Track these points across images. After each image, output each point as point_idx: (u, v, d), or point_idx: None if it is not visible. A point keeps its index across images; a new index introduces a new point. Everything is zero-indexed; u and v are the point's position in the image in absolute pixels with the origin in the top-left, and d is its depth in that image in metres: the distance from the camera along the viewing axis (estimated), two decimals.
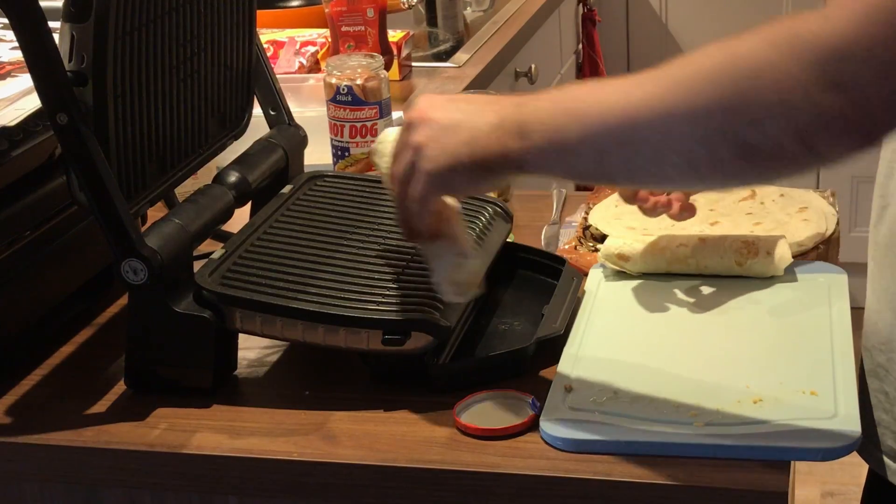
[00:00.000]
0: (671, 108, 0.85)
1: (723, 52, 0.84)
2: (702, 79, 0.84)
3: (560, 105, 0.91)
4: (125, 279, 1.06)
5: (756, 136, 0.82)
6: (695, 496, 0.93)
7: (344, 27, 2.02)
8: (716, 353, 1.09)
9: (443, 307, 1.08)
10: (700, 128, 0.84)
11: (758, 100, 0.81)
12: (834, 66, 0.79)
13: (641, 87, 0.87)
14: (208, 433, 1.05)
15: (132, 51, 1.07)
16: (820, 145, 0.81)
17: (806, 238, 1.29)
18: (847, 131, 0.80)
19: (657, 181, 0.92)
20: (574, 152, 0.90)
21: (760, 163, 0.83)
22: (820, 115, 0.79)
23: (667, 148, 0.86)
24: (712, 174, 0.86)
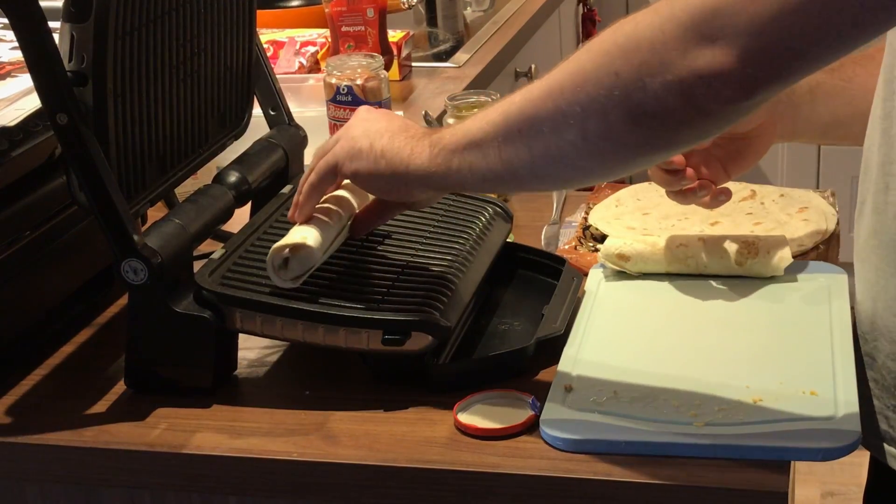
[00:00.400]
0: (564, 84, 0.90)
1: (612, 28, 0.89)
2: (593, 52, 0.89)
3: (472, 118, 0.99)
4: (125, 279, 1.06)
5: (641, 96, 0.86)
6: (695, 496, 0.93)
7: (344, 27, 2.02)
8: (716, 353, 1.09)
9: (443, 307, 1.08)
10: (591, 98, 0.88)
11: (640, 61, 0.86)
12: (707, 22, 0.83)
13: (543, 77, 0.93)
14: (208, 433, 1.05)
15: (132, 51, 1.07)
16: (701, 100, 0.85)
17: (806, 238, 1.29)
18: (725, 84, 0.83)
19: (558, 167, 0.95)
20: (478, 148, 0.96)
21: (650, 124, 0.87)
22: (696, 69, 0.84)
23: (562, 124, 0.90)
24: (607, 147, 0.90)
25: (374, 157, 1.03)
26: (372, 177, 1.05)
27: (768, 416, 0.97)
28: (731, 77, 0.83)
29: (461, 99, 1.46)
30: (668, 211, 1.36)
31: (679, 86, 0.84)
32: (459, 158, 0.98)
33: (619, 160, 0.93)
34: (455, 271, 1.14)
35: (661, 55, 0.85)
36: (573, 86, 0.90)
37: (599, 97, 0.88)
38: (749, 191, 1.39)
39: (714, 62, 0.83)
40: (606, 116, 0.88)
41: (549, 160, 0.94)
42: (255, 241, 1.16)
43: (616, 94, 0.87)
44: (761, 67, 0.83)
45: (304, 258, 1.07)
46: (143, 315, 1.09)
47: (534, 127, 0.93)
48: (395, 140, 1.03)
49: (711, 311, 1.17)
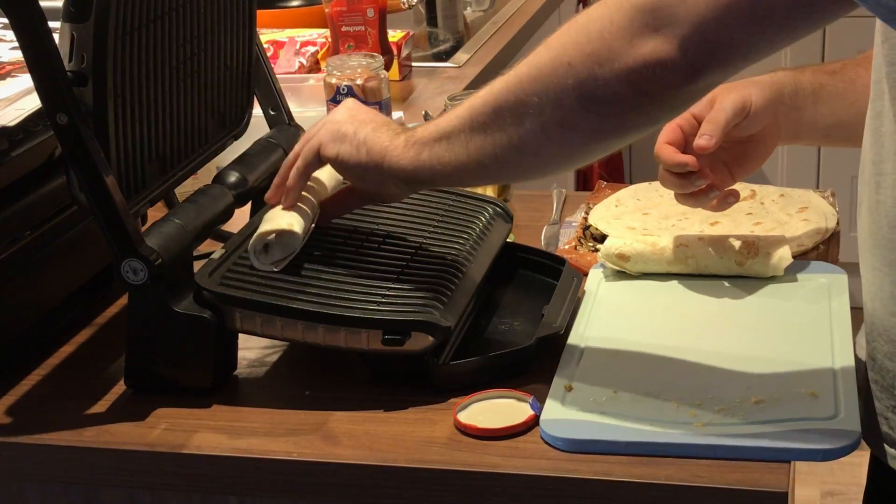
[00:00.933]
0: (522, 77, 0.96)
1: (567, 23, 0.95)
2: (550, 45, 0.95)
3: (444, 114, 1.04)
4: (125, 279, 1.06)
5: (592, 84, 0.91)
6: (695, 496, 0.93)
7: (344, 27, 2.02)
8: (716, 353, 1.09)
9: (443, 307, 1.08)
10: (547, 88, 0.94)
11: (590, 51, 0.91)
12: (651, 13, 0.88)
13: (505, 73, 0.99)
14: (208, 433, 1.05)
15: (132, 51, 1.07)
16: (646, 86, 0.90)
17: (806, 238, 1.29)
18: (668, 71, 0.89)
19: (520, 156, 1.00)
20: (447, 140, 1.01)
21: (602, 111, 0.92)
22: (641, 57, 0.89)
23: (522, 115, 0.96)
24: (564, 133, 0.95)
25: (357, 143, 1.07)
26: (351, 162, 1.08)
27: (768, 417, 0.97)
28: (673, 64, 0.89)
29: (461, 99, 1.46)
30: (668, 211, 1.36)
31: (626, 73, 0.90)
32: (429, 151, 1.03)
33: (576, 147, 0.99)
34: (455, 271, 1.14)
35: (610, 44, 0.90)
36: (530, 78, 0.96)
37: (555, 87, 0.93)
38: (749, 191, 1.39)
39: (657, 50, 0.89)
40: (561, 105, 0.94)
41: (511, 150, 0.99)
42: None
43: (569, 83, 0.93)
44: (701, 55, 0.88)
45: (287, 244, 1.10)
46: (143, 315, 1.09)
47: (497, 118, 0.98)
48: (378, 131, 1.07)
49: (711, 311, 1.17)
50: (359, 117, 1.09)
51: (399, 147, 1.05)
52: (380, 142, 1.06)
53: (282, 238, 1.10)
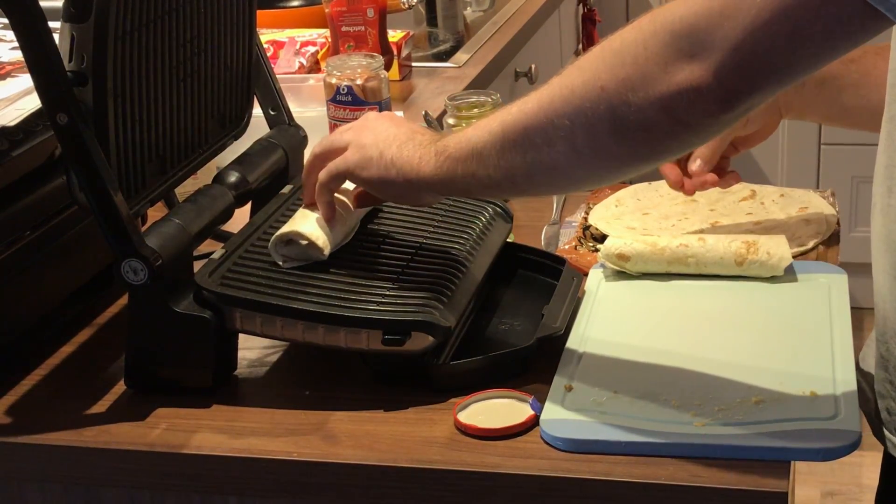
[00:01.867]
0: (554, 98, 0.94)
1: (601, 44, 0.93)
2: (582, 67, 0.93)
3: (473, 126, 1.03)
4: (125, 279, 1.06)
5: (626, 110, 0.90)
6: (695, 496, 0.93)
7: (344, 27, 2.01)
8: (716, 352, 1.09)
9: (443, 307, 1.08)
10: (578, 112, 0.92)
11: (623, 76, 0.89)
12: (685, 39, 0.86)
13: (537, 91, 0.97)
14: (208, 433, 1.05)
15: (132, 51, 1.07)
16: (681, 113, 0.88)
17: (806, 238, 1.29)
18: (703, 99, 0.87)
19: (552, 176, 0.99)
20: (479, 156, 1.00)
21: (635, 137, 0.91)
22: (676, 84, 0.87)
23: (553, 136, 0.94)
24: (595, 158, 0.94)
25: (385, 165, 1.06)
26: (384, 184, 1.08)
27: (768, 416, 0.97)
28: (709, 92, 0.87)
29: (461, 99, 1.46)
30: (668, 211, 1.36)
31: (660, 100, 0.88)
32: (463, 167, 1.02)
33: (608, 170, 0.97)
34: (455, 271, 1.14)
35: (643, 70, 0.88)
36: (562, 100, 0.94)
37: (586, 111, 0.92)
38: (749, 191, 1.39)
39: (692, 77, 0.87)
40: (593, 129, 0.92)
41: (543, 169, 0.98)
42: (255, 241, 1.16)
43: (602, 108, 0.91)
44: (738, 82, 0.86)
45: (309, 256, 1.11)
46: (143, 315, 1.09)
47: (528, 138, 0.96)
48: (404, 149, 1.06)
49: (711, 311, 1.17)
50: (381, 137, 1.07)
51: (430, 163, 1.04)
52: (409, 161, 1.05)
53: (308, 250, 1.11)
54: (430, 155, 1.04)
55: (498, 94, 1.43)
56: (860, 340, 1.14)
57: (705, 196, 1.38)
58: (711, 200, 1.38)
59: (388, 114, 1.14)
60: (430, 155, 1.04)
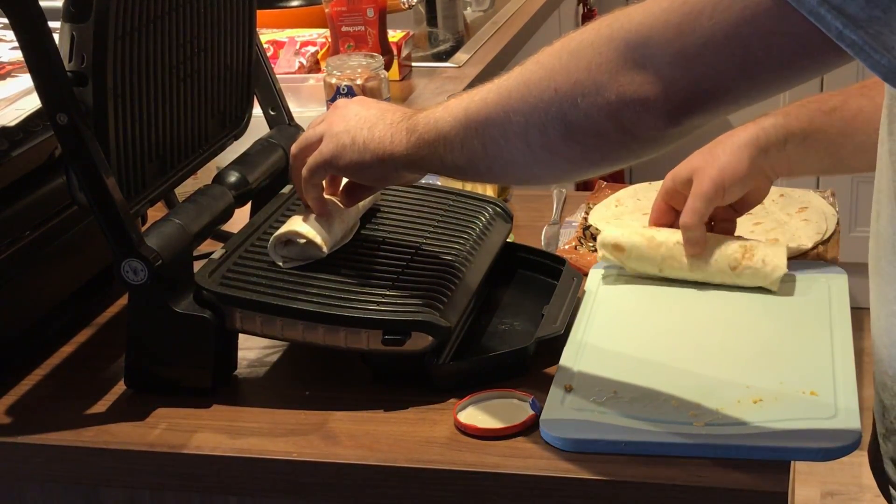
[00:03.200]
0: (512, 93, 0.94)
1: (563, 39, 0.92)
2: (541, 63, 0.93)
3: (442, 105, 1.02)
4: (125, 279, 1.06)
5: (575, 115, 0.89)
6: (695, 496, 0.93)
7: (344, 27, 2.02)
8: (716, 353, 1.09)
9: (443, 307, 1.08)
10: (532, 110, 0.92)
11: (575, 80, 0.89)
12: (638, 50, 0.85)
13: (500, 79, 0.97)
14: (208, 433, 1.05)
15: (132, 51, 1.07)
16: (628, 124, 0.87)
17: (806, 238, 1.29)
18: (650, 112, 0.86)
19: (509, 168, 0.99)
20: (444, 140, 1.00)
21: (584, 141, 0.91)
22: (624, 94, 0.86)
23: (510, 132, 0.94)
24: (547, 158, 0.94)
25: (358, 150, 1.07)
26: (361, 168, 1.08)
27: (768, 416, 0.97)
28: (655, 105, 0.86)
29: None
30: None
31: (607, 108, 0.88)
32: (430, 149, 1.02)
33: (563, 170, 0.98)
34: (455, 271, 1.14)
35: (595, 76, 0.88)
36: (519, 95, 0.94)
37: (539, 111, 0.92)
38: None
39: (640, 89, 0.86)
40: (545, 130, 0.92)
41: (501, 163, 0.98)
42: (255, 241, 1.16)
43: (553, 109, 0.91)
44: (685, 99, 0.86)
45: (308, 255, 1.12)
46: (143, 315, 1.09)
47: (486, 131, 0.97)
48: (375, 130, 1.06)
49: (711, 311, 1.17)
50: (352, 123, 1.08)
51: (402, 142, 1.04)
52: (380, 141, 1.05)
53: (307, 248, 1.11)
54: (402, 133, 1.04)
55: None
56: (860, 340, 1.14)
57: None
58: None
59: (358, 98, 1.14)
60: (402, 133, 1.04)
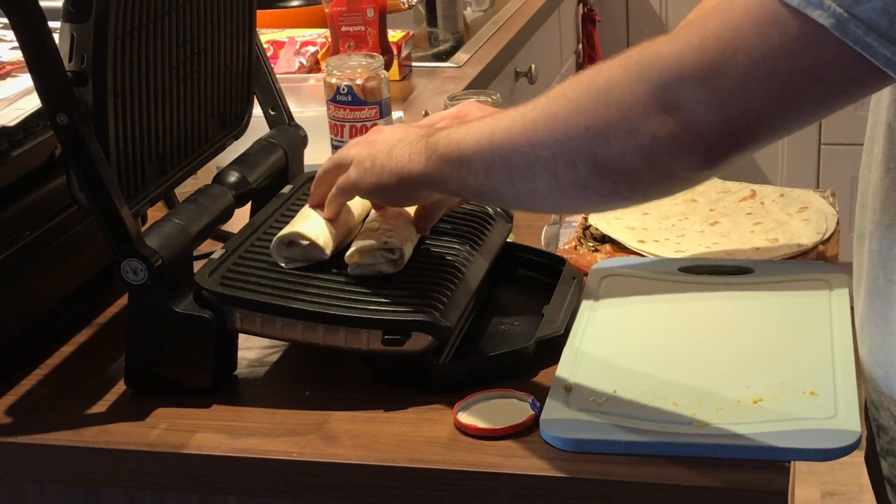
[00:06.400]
0: (538, 127, 0.92)
1: (589, 73, 0.90)
2: (567, 97, 0.90)
3: (465, 126, 1.00)
4: (125, 279, 1.06)
5: (607, 153, 0.87)
6: (695, 496, 0.93)
7: (344, 27, 2.02)
8: (716, 353, 1.09)
9: (443, 307, 1.08)
10: (561, 146, 0.90)
11: (607, 119, 0.86)
12: (670, 90, 0.83)
13: (525, 108, 0.94)
14: (208, 433, 1.05)
15: (132, 51, 1.07)
16: (663, 165, 0.85)
17: (806, 238, 1.29)
18: (686, 153, 0.84)
19: (535, 199, 0.97)
20: (468, 165, 0.98)
21: (616, 180, 0.88)
22: (659, 137, 0.84)
23: (536, 164, 0.92)
24: (576, 192, 0.92)
25: (377, 171, 1.06)
26: (380, 190, 1.07)
27: (768, 416, 0.97)
28: (691, 147, 0.84)
29: (461, 99, 1.46)
30: (668, 211, 1.36)
31: (641, 150, 0.86)
32: (452, 170, 1.00)
33: (592, 203, 0.97)
34: (455, 271, 1.14)
35: (627, 118, 0.86)
36: (546, 129, 0.91)
37: (569, 147, 0.90)
38: (749, 191, 1.39)
39: (675, 132, 0.84)
40: (575, 165, 0.90)
41: (527, 192, 0.96)
42: (255, 241, 1.16)
43: (584, 147, 0.89)
44: (722, 139, 0.83)
45: (311, 256, 1.12)
46: (143, 315, 1.09)
47: (512, 160, 0.95)
48: (394, 151, 1.05)
49: (711, 311, 1.17)
50: (377, 146, 1.07)
51: (421, 160, 1.03)
52: (398, 161, 1.04)
53: (310, 250, 1.11)
54: (420, 152, 1.03)
55: (498, 94, 1.43)
56: None
57: (705, 196, 1.38)
58: (711, 200, 1.38)
59: (397, 125, 1.14)
60: (420, 152, 1.03)
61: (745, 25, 0.80)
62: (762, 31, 0.80)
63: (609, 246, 1.31)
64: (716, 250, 1.28)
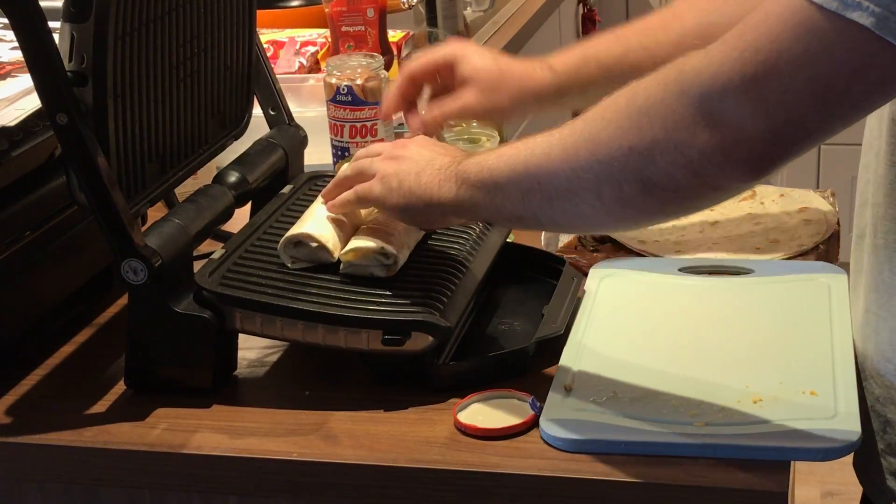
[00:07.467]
0: (579, 150, 0.92)
1: (626, 94, 0.90)
2: (607, 120, 0.91)
3: (495, 153, 1.01)
4: (125, 279, 1.06)
5: (653, 171, 0.88)
6: (695, 496, 0.93)
7: (344, 27, 2.01)
8: (716, 352, 1.09)
9: (443, 307, 1.08)
10: (604, 168, 0.90)
11: (651, 139, 0.87)
12: (714, 105, 0.84)
13: (561, 133, 0.95)
14: (208, 433, 1.05)
15: (132, 51, 1.07)
16: (711, 178, 0.86)
17: (806, 238, 1.29)
18: (733, 165, 0.85)
19: (575, 221, 0.98)
20: (502, 191, 0.99)
21: (663, 196, 0.89)
22: (704, 150, 0.85)
23: (579, 187, 0.93)
24: (622, 210, 0.92)
25: (404, 194, 1.06)
26: (408, 212, 1.08)
27: (768, 416, 0.97)
28: (740, 159, 0.85)
29: None
30: None
31: (689, 166, 0.86)
32: (486, 197, 1.01)
33: (636, 221, 0.99)
34: (455, 271, 1.14)
35: (673, 136, 0.86)
36: (587, 152, 0.92)
37: (613, 168, 0.90)
38: (749, 190, 1.39)
39: (724, 146, 0.84)
40: (620, 186, 0.90)
41: (568, 215, 0.96)
42: (255, 241, 1.16)
43: (629, 168, 0.89)
44: (769, 147, 0.84)
45: (317, 258, 1.11)
46: (143, 315, 1.09)
47: (552, 184, 0.95)
48: (423, 176, 1.06)
49: (711, 310, 1.17)
50: (404, 165, 1.07)
51: (451, 190, 1.03)
52: (427, 187, 1.05)
53: (318, 252, 1.11)
54: (451, 181, 1.03)
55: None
56: None
57: None
58: None
59: (419, 138, 1.14)
60: (451, 181, 1.03)
61: (784, 34, 0.82)
62: (801, 38, 0.81)
63: (609, 246, 1.31)
64: (716, 250, 1.28)
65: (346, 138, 1.51)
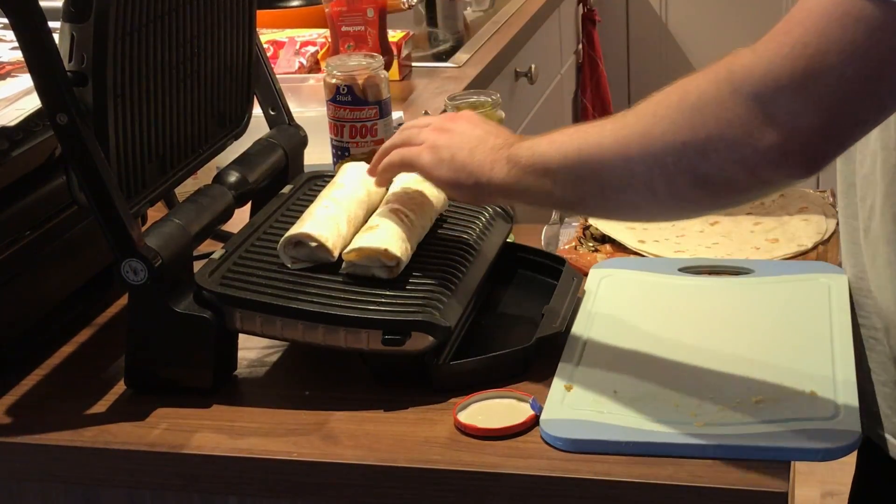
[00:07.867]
0: (632, 143, 0.93)
1: (677, 91, 0.91)
2: (659, 116, 0.92)
3: (546, 139, 1.02)
4: (125, 279, 1.06)
5: (707, 167, 0.89)
6: (695, 496, 0.93)
7: (344, 27, 2.01)
8: (716, 352, 1.09)
9: (443, 307, 1.08)
10: (657, 162, 0.91)
11: (705, 135, 0.88)
12: (768, 102, 0.85)
13: (614, 124, 0.96)
14: (208, 433, 1.05)
15: (132, 51, 1.07)
16: (765, 175, 0.87)
17: (806, 238, 1.29)
18: (788, 161, 0.86)
19: (626, 210, 1.00)
20: (553, 176, 0.99)
21: (716, 191, 0.90)
22: (759, 147, 0.86)
23: (632, 179, 0.94)
24: (674, 203, 0.94)
25: (456, 168, 1.07)
26: (455, 186, 1.09)
27: (768, 416, 0.97)
28: (795, 155, 0.85)
29: (461, 99, 1.46)
30: None
31: (743, 162, 0.87)
32: (535, 181, 1.01)
33: (687, 213, 1.01)
34: (455, 271, 1.14)
35: (727, 133, 0.87)
36: (639, 146, 0.93)
37: (667, 162, 0.91)
38: None
39: (779, 142, 0.85)
40: (673, 179, 0.91)
41: (617, 204, 0.98)
42: (255, 241, 1.16)
43: (684, 162, 0.90)
44: (822, 142, 0.85)
45: (317, 258, 1.11)
46: (143, 315, 1.09)
47: (604, 174, 0.96)
48: (476, 153, 1.06)
49: (711, 310, 1.17)
50: (456, 139, 1.08)
51: (502, 171, 1.04)
52: (480, 166, 1.05)
53: (317, 251, 1.11)
54: (503, 162, 1.04)
55: (498, 94, 1.42)
56: None
57: None
58: None
59: (467, 113, 1.15)
60: (503, 162, 1.04)
61: (830, 26, 0.82)
62: (848, 29, 0.82)
63: (609, 246, 1.32)
64: (716, 250, 1.28)
65: (346, 138, 1.51)
